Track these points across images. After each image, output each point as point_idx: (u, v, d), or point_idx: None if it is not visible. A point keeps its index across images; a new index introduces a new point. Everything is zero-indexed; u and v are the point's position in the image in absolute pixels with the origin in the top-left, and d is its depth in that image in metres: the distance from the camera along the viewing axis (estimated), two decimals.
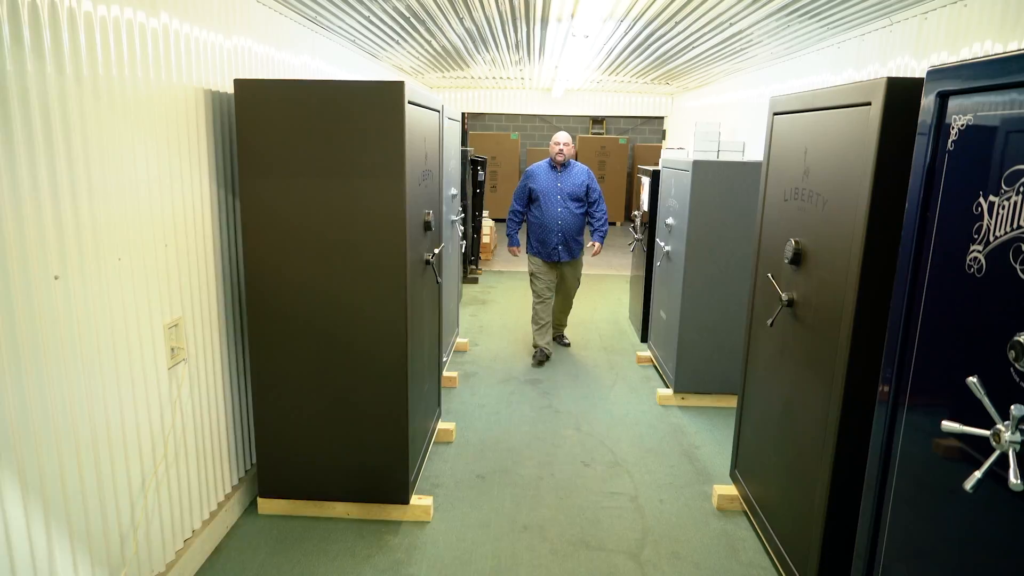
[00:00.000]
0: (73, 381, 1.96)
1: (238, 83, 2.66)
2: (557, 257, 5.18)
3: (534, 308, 5.35)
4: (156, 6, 2.33)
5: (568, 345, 5.71)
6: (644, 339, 5.72)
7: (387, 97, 2.63)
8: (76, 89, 1.93)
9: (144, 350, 2.31)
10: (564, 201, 5.08)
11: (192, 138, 2.59)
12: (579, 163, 5.26)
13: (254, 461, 3.20)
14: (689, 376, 4.47)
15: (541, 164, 5.20)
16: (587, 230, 5.33)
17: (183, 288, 2.56)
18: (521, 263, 8.98)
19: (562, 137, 5.11)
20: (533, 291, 5.35)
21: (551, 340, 5.49)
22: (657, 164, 5.62)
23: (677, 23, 4.68)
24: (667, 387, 4.69)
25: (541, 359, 5.29)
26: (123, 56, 2.14)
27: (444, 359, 4.56)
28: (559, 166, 5.13)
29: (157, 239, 2.37)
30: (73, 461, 1.97)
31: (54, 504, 1.90)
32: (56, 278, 1.87)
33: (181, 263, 2.54)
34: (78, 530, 2.00)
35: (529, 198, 5.20)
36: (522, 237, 9.42)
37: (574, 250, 5.26)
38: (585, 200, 5.17)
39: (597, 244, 5.27)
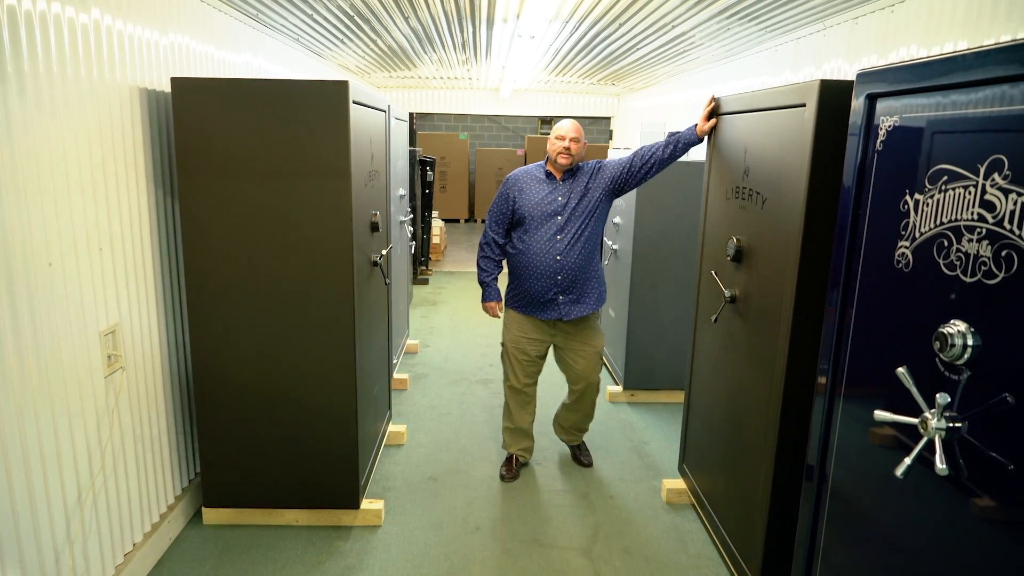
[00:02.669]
0: (0, 391, 1.87)
1: (175, 81, 2.59)
2: (556, 314, 3.19)
3: (505, 396, 3.51)
4: (86, 1, 2.25)
5: (589, 465, 3.62)
6: None
7: (331, 97, 2.60)
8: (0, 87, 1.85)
9: (78, 358, 2.22)
10: (569, 225, 3.11)
11: (127, 138, 2.50)
12: (586, 162, 3.24)
13: (198, 470, 3.12)
14: (638, 373, 4.54)
15: (529, 169, 3.26)
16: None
17: (120, 294, 2.47)
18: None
19: (568, 128, 3.12)
20: (504, 373, 3.46)
21: (530, 446, 3.60)
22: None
23: (621, 25, 4.75)
24: (617, 384, 4.75)
25: (510, 472, 3.49)
26: (51, 53, 2.06)
27: (394, 361, 4.52)
28: (560, 172, 3.18)
29: (91, 243, 2.28)
30: (1, 474, 1.88)
31: None
32: None
33: (117, 268, 2.45)
34: (8, 546, 1.91)
35: (511, 220, 3.26)
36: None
37: (585, 302, 3.20)
38: (610, 198, 3.20)
39: (707, 120, 2.93)
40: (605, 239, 5.04)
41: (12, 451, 1.92)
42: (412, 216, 5.83)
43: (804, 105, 2.12)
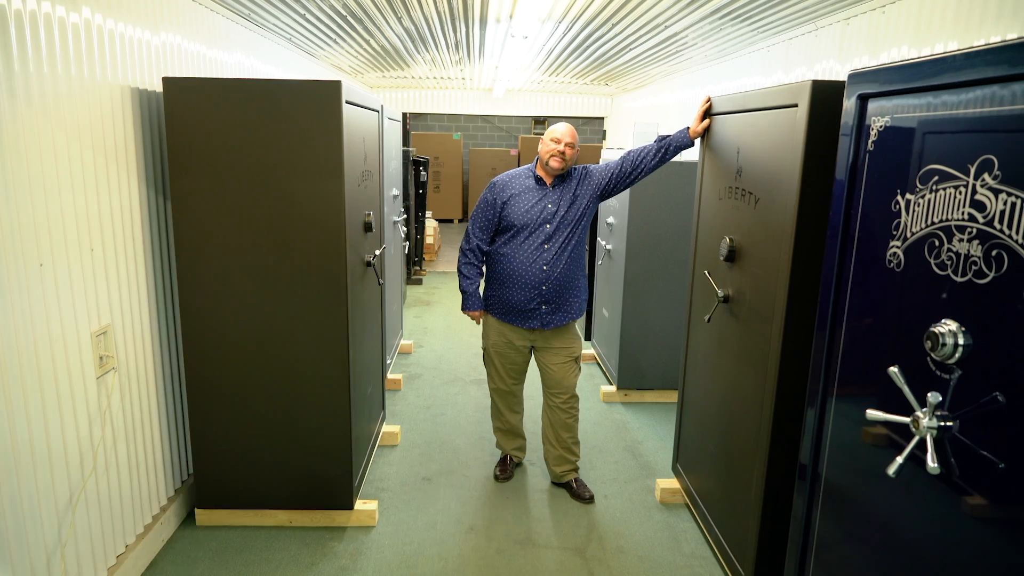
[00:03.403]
0: None
1: (167, 81, 2.58)
2: (537, 323, 3.12)
3: (491, 398, 3.46)
4: (77, 1, 2.23)
5: (591, 499, 3.30)
6: (588, 337, 5.78)
7: (323, 97, 2.59)
8: None
9: (70, 359, 2.21)
10: (558, 234, 3.03)
11: (119, 138, 2.49)
12: (574, 167, 3.15)
13: (191, 471, 3.10)
14: (632, 372, 4.55)
15: (517, 174, 3.14)
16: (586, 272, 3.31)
17: (111, 294, 2.46)
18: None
19: (564, 132, 3.01)
20: (488, 375, 3.41)
21: (523, 444, 3.61)
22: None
23: (614, 25, 4.75)
24: (610, 384, 4.76)
25: (504, 472, 3.51)
26: (41, 52, 2.05)
27: (388, 361, 4.51)
28: (550, 178, 3.08)
29: (82, 243, 2.27)
30: None
31: None
32: None
33: (109, 268, 2.44)
34: None
35: (497, 227, 3.14)
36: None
37: (566, 311, 3.15)
38: (596, 203, 3.14)
39: (700, 120, 2.93)
40: (599, 239, 5.05)
41: (3, 452, 1.91)
42: (406, 216, 5.82)
43: (796, 105, 2.13)
